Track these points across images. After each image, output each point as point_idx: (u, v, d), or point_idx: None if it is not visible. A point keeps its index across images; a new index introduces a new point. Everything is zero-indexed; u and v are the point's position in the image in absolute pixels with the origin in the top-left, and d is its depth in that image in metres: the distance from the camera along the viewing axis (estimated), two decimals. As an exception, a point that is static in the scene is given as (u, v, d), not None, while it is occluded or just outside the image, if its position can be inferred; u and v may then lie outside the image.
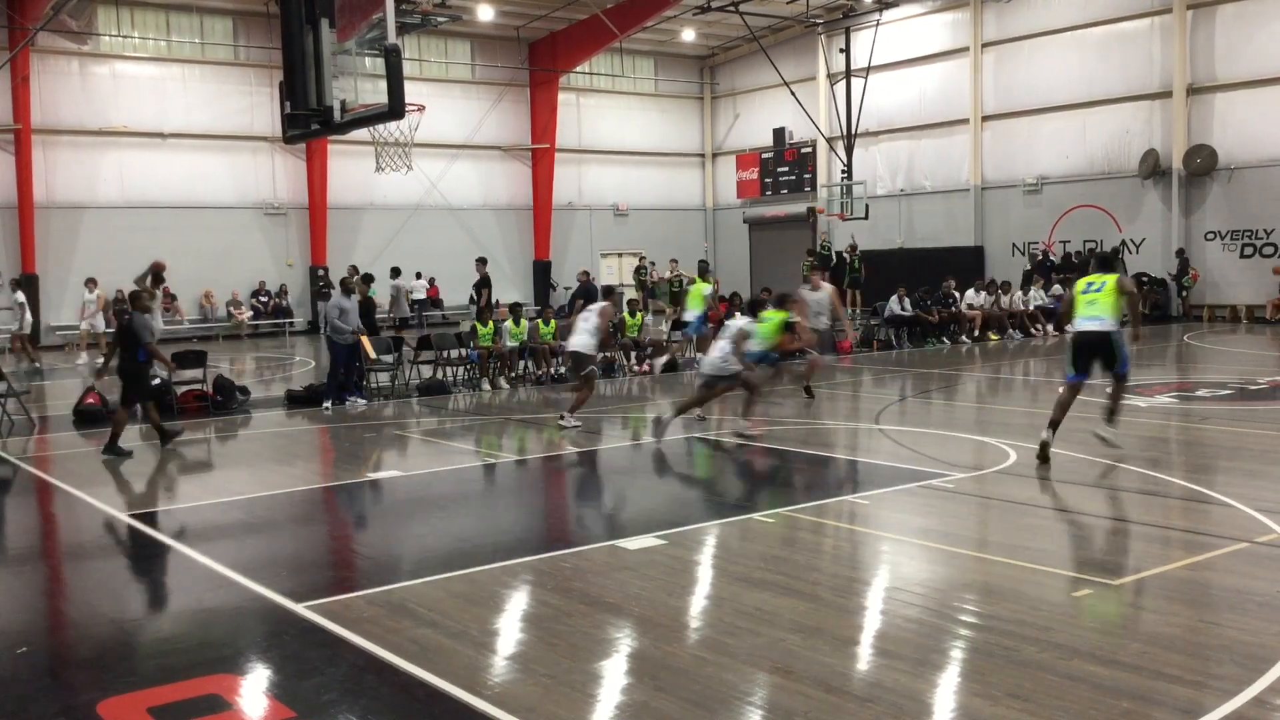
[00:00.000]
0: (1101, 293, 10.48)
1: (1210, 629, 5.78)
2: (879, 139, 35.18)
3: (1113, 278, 10.63)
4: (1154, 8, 28.53)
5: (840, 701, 4.89)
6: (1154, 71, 28.74)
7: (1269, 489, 8.98)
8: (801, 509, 8.67)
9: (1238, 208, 27.54)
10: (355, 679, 5.34)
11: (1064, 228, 30.87)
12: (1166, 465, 10.30)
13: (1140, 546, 7.52)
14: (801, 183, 38.40)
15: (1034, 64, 31.30)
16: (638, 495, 9.91)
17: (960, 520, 8.48)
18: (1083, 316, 10.55)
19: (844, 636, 5.80)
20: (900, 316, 23.23)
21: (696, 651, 5.64)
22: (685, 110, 41.55)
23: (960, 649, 5.59)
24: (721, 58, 40.78)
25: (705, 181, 42.24)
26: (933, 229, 34.02)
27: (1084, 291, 10.68)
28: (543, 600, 6.57)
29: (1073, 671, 5.13)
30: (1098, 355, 10.48)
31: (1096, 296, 10.50)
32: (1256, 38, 26.79)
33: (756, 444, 11.89)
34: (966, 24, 32.82)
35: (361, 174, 28.97)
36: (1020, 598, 6.29)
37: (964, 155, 33.35)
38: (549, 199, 37.06)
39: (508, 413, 15.33)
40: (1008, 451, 10.70)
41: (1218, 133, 27.70)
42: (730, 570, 7.20)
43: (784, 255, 38.20)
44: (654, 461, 11.55)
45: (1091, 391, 11.64)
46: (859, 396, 16.41)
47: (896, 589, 6.71)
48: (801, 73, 36.34)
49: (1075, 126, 30.53)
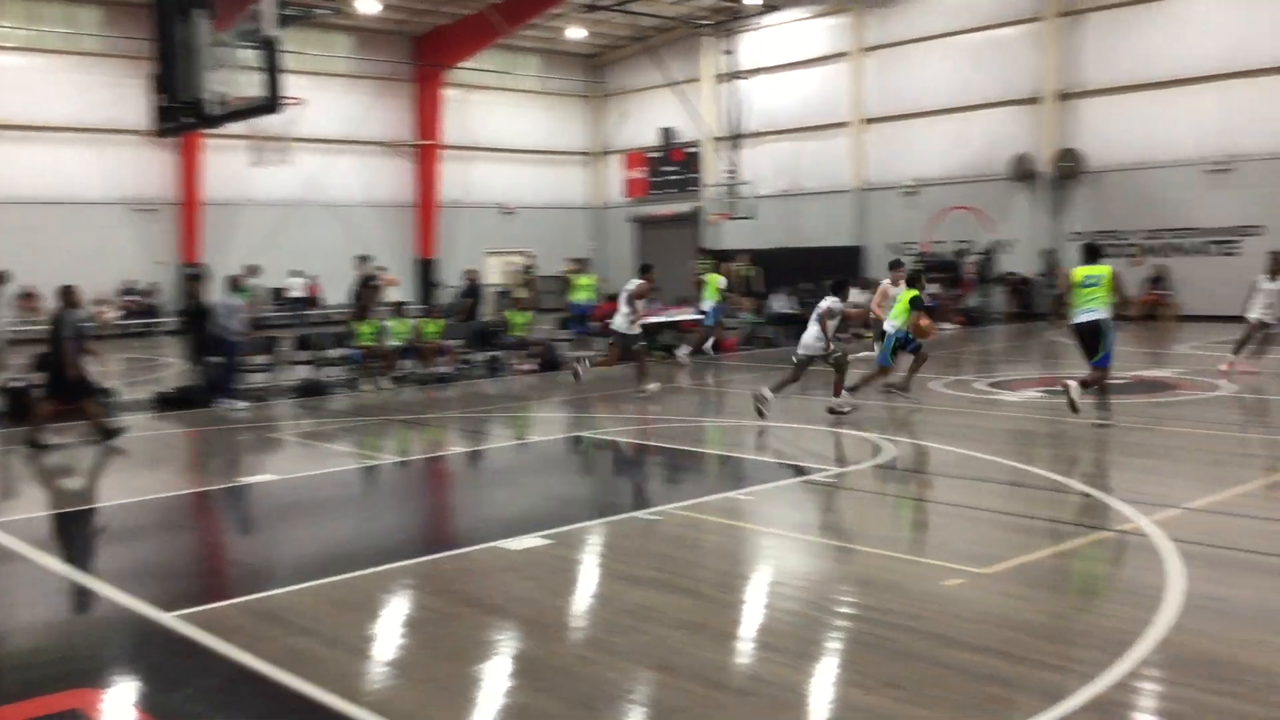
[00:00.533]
0: (1099, 286, 11.41)
1: (1073, 615, 6.00)
2: (764, 140, 35.65)
3: (1108, 270, 11.54)
4: (1026, 15, 29.53)
5: (721, 696, 4.94)
6: (1026, 77, 29.74)
7: (1130, 480, 9.36)
8: (685, 506, 8.72)
9: (1102, 210, 28.68)
10: (226, 690, 5.19)
11: (939, 228, 31.72)
12: (1033, 457, 10.65)
13: (1009, 536, 7.76)
14: (688, 182, 38.70)
15: (913, 68, 32.10)
16: (522, 495, 9.84)
17: (838, 514, 8.65)
18: (1082, 308, 11.48)
19: (726, 631, 5.85)
20: (784, 315, 23.57)
21: (580, 651, 5.62)
22: (572, 109, 41.49)
23: (838, 640, 5.70)
24: (609, 57, 40.83)
25: (592, 180, 42.25)
26: (815, 229, 34.60)
27: (1083, 284, 11.54)
28: (423, 604, 6.48)
29: (944, 659, 5.26)
30: (1091, 340, 11.48)
31: (1095, 291, 11.42)
32: (1122, 46, 27.93)
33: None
34: (848, 29, 33.48)
35: (238, 169, 28.20)
36: (895, 588, 6.43)
37: (845, 157, 34.02)
38: (433, 197, 36.62)
39: (390, 413, 15.09)
40: (885, 446, 10.94)
41: (1085, 137, 28.82)
42: (614, 569, 7.21)
43: (671, 254, 38.39)
44: (539, 461, 11.51)
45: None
46: (743, 394, 16.58)
47: (777, 583, 6.80)
48: (688, 73, 36.62)
49: (952, 130, 31.40)
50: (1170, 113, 27.21)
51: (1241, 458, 10.72)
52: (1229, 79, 26.13)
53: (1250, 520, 8.06)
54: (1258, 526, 7.90)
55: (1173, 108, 27.15)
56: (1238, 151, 26.17)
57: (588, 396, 16.50)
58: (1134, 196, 27.93)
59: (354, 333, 17.82)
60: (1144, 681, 4.97)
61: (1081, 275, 11.72)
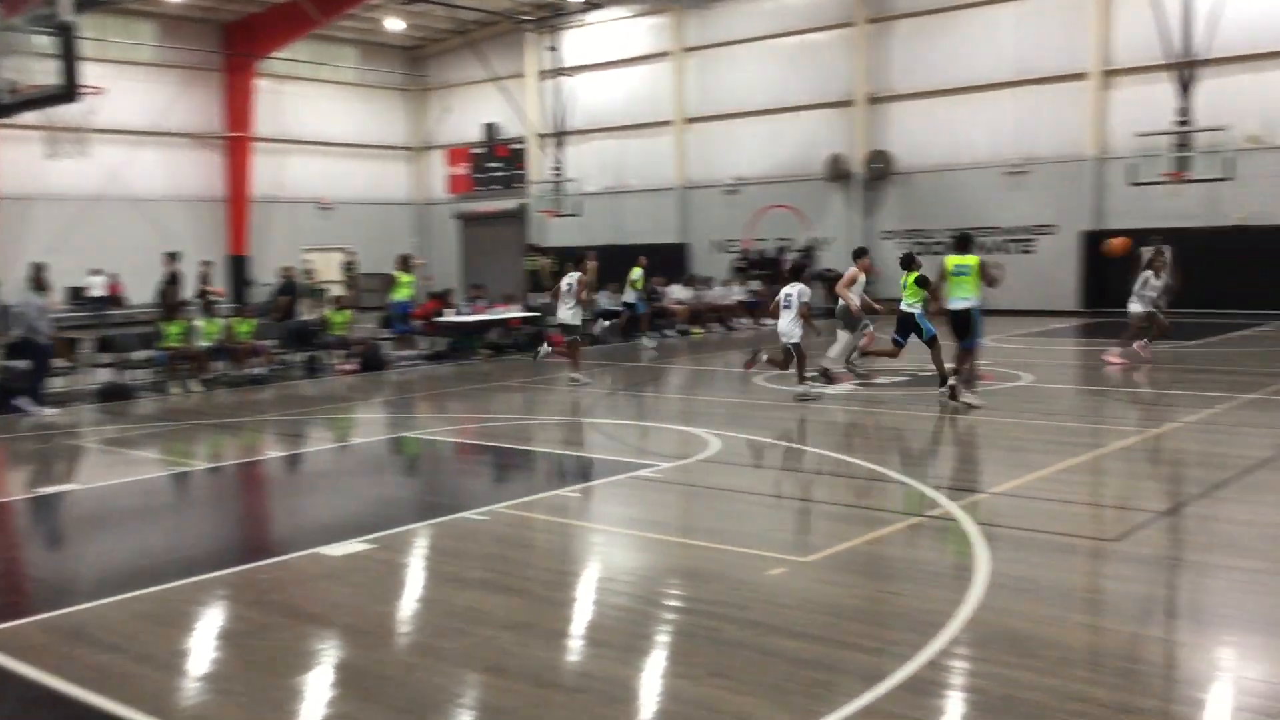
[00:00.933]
0: (968, 275, 12.37)
1: (889, 598, 6.24)
2: (589, 138, 35.78)
3: (976, 259, 12.50)
4: (838, 21, 30.56)
5: (551, 695, 4.92)
6: (839, 81, 30.79)
7: (939, 467, 9.80)
8: (514, 505, 8.65)
9: (911, 209, 29.98)
10: (25, 714, 4.86)
11: (759, 226, 32.53)
12: (850, 448, 11.03)
13: (828, 525, 8.01)
14: (513, 179, 38.50)
15: (733, 70, 32.79)
16: (342, 499, 9.57)
17: (667, 508, 8.75)
18: (954, 296, 12.48)
19: (555, 630, 5.83)
20: (609, 311, 23.70)
21: (405, 657, 5.50)
22: (393, 102, 40.67)
23: (666, 633, 5.75)
24: (430, 50, 40.20)
25: (415, 176, 41.53)
26: (641, 226, 34.96)
27: (954, 273, 12.46)
28: (239, 615, 6.22)
29: (769, 647, 5.38)
30: (962, 327, 12.50)
31: (964, 279, 12.37)
32: (927, 53, 29.25)
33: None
34: (669, 29, 33.94)
35: (31, 161, 26.51)
36: (721, 579, 6.54)
37: (669, 155, 34.48)
38: (245, 191, 35.27)
39: (201, 417, 14.44)
40: (711, 440, 11.13)
41: (894, 140, 30.06)
42: (441, 571, 7.09)
43: (497, 251, 38.20)
44: (360, 463, 11.23)
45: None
46: (571, 391, 16.61)
47: (606, 579, 6.83)
48: (512, 69, 36.43)
49: (770, 131, 32.23)
50: (971, 117, 28.68)
51: (1040, 444, 11.36)
52: (1023, 86, 27.74)
53: (1048, 503, 8.55)
54: (1055, 509, 8.39)
55: (973, 113, 28.63)
56: (1033, 155, 27.80)
57: (412, 396, 16.21)
58: (940, 196, 29.31)
59: (161, 333, 16.98)
60: (954, 660, 5.20)
61: (953, 264, 12.55)
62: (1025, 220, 27.93)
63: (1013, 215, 28.13)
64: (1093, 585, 6.59)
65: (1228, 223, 24.37)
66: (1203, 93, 23.69)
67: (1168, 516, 7.92)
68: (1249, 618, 5.76)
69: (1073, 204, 27.10)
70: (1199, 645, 5.44)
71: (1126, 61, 26.19)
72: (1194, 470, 9.76)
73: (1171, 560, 6.94)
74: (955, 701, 4.81)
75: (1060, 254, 27.49)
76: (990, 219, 28.44)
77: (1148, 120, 24.44)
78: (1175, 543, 7.35)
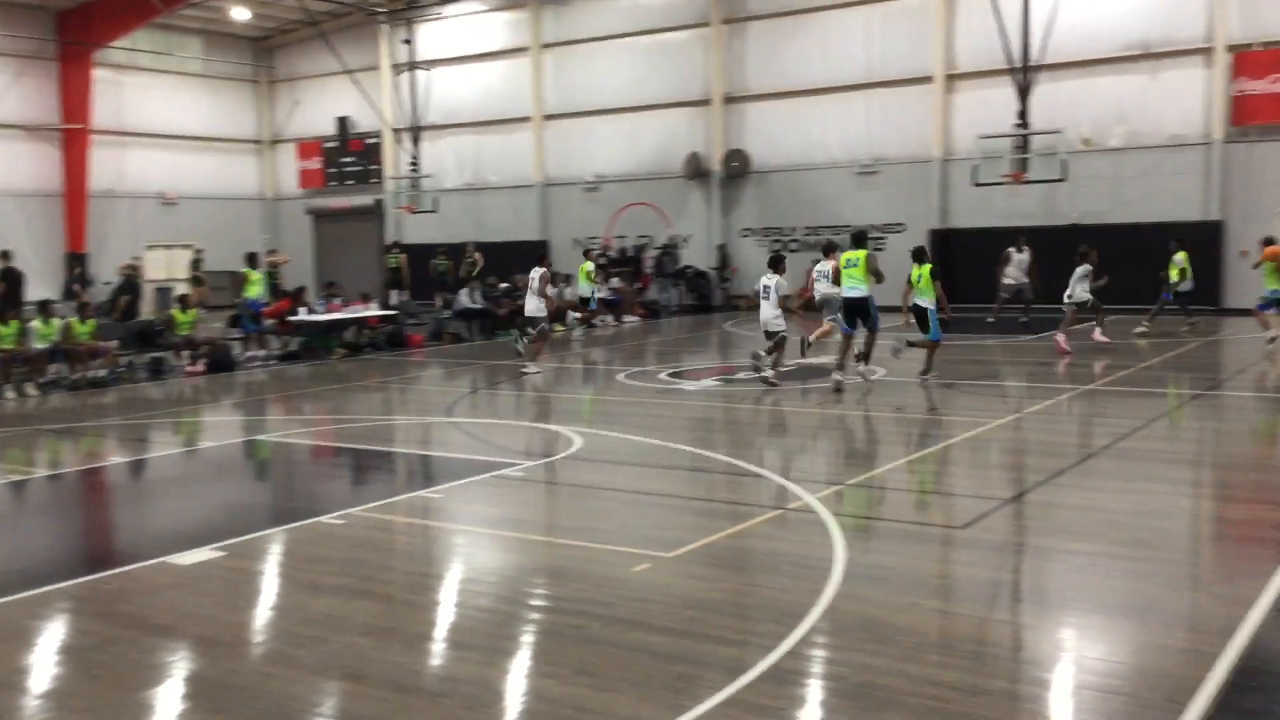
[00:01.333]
0: (857, 267, 13.81)
1: (751, 591, 6.34)
2: (446, 133, 35.31)
3: (864, 253, 13.87)
4: (694, 20, 30.89)
5: (413, 700, 4.83)
6: (696, 80, 31.14)
7: (797, 460, 10.01)
8: (373, 508, 8.48)
9: (768, 207, 30.55)
10: None
11: (620, 224, 32.68)
12: (711, 443, 11.17)
13: (692, 520, 8.09)
14: (368, 174, 37.70)
15: (591, 67, 32.81)
16: (192, 506, 9.22)
17: (530, 507, 8.71)
18: (846, 286, 13.97)
19: (417, 634, 5.74)
20: (471, 309, 23.48)
21: (260, 667, 5.34)
22: (241, 94, 39.35)
23: (531, 633, 5.72)
24: (279, 41, 39.04)
25: (264, 170, 40.30)
26: (501, 223, 34.71)
27: (845, 266, 13.96)
28: (82, 629, 5.94)
29: (633, 643, 5.41)
30: (857, 314, 13.91)
31: (853, 271, 13.84)
32: (780, 55, 29.83)
33: (340, 454, 11.47)
34: (526, 24, 33.74)
35: None
36: (586, 577, 6.55)
37: (528, 152, 34.30)
38: (84, 185, 33.64)
39: (37, 422, 13.71)
40: (574, 438, 11.12)
41: (750, 139, 30.56)
42: (297, 578, 6.90)
43: (350, 248, 37.39)
44: (210, 468, 10.85)
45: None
46: (431, 390, 16.39)
47: (470, 580, 6.75)
48: (365, 61, 35.65)
49: (628, 129, 32.38)
50: (824, 118, 29.39)
51: (893, 435, 11.73)
52: (872, 88, 28.56)
53: (901, 493, 8.84)
54: (907, 498, 8.67)
55: (826, 114, 29.33)
56: (882, 155, 28.65)
57: (264, 398, 15.75)
58: (795, 195, 29.95)
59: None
60: (813, 649, 5.32)
61: (845, 259, 14.05)
62: (876, 219, 28.73)
63: (864, 214, 28.90)
64: (943, 572, 6.82)
65: (1064, 222, 25.58)
66: (1039, 97, 24.79)
67: (1012, 503, 8.26)
68: (1088, 599, 6.05)
69: (920, 203, 28.03)
70: (1042, 627, 5.69)
71: (969, 66, 27.22)
72: (1036, 459, 10.21)
73: (1016, 546, 7.24)
74: (815, 690, 4.92)
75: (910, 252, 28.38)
76: (843, 217, 29.18)
77: (989, 123, 25.47)
78: (1019, 529, 7.67)
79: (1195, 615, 5.86)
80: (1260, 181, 24.19)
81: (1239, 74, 24.13)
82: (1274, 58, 23.75)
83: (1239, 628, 5.37)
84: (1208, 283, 24.06)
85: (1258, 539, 7.23)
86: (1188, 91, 24.83)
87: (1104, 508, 8.02)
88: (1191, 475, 9.59)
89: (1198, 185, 24.84)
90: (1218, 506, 8.52)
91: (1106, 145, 25.78)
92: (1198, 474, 9.68)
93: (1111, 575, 6.43)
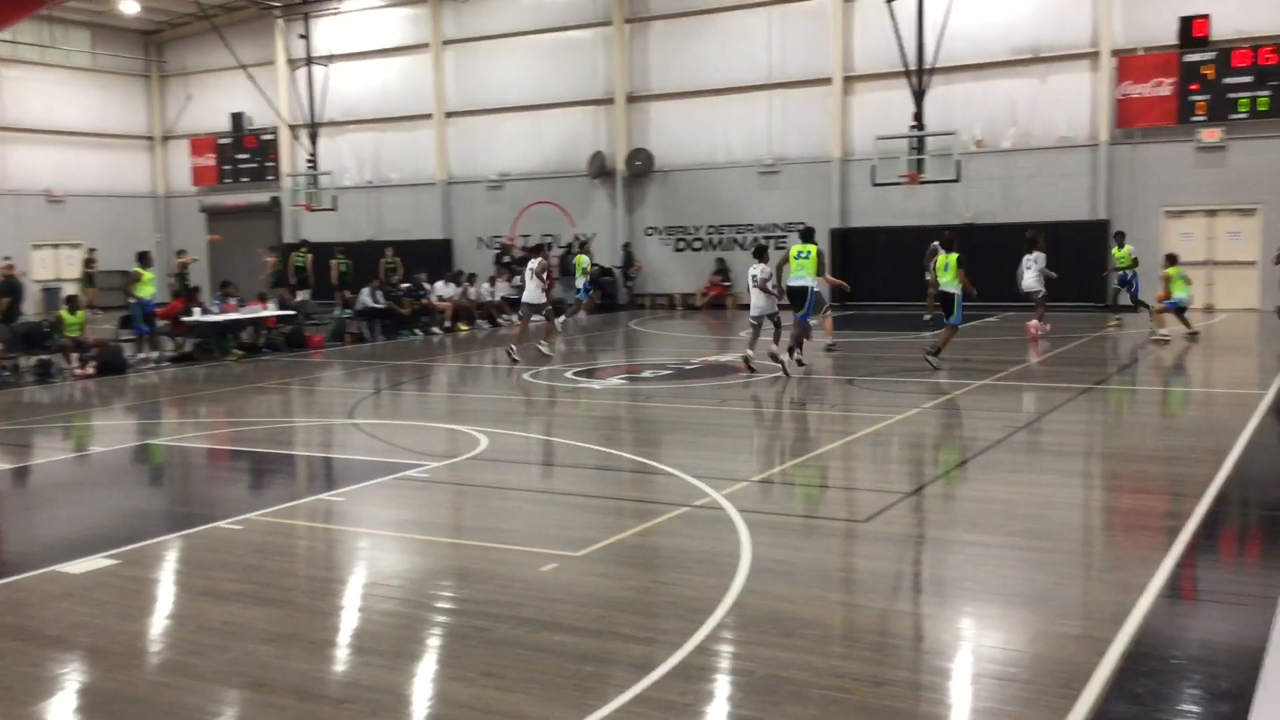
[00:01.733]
0: (807, 260, 15.30)
1: (659, 588, 6.36)
2: (345, 129, 34.74)
3: (814, 248, 15.46)
4: (597, 19, 30.89)
5: (316, 707, 4.74)
6: (599, 79, 31.14)
7: (704, 458, 10.07)
8: (273, 512, 8.30)
9: (672, 206, 30.71)
10: None
11: (524, 223, 32.52)
12: (619, 441, 11.19)
13: (599, 518, 8.09)
14: (264, 171, 36.88)
15: (493, 64, 32.57)
16: (83, 513, 8.91)
17: (436, 509, 8.61)
18: (793, 275, 15.38)
19: (320, 639, 5.63)
20: (373, 309, 23.13)
21: (157, 677, 5.18)
22: (131, 88, 38.18)
23: (437, 636, 5.66)
24: (170, 34, 37.96)
25: (156, 167, 39.16)
26: (403, 222, 34.27)
27: (796, 257, 15.41)
28: (-36, 643, 5.69)
29: (541, 643, 5.38)
30: (797, 301, 15.29)
31: (803, 263, 15.31)
32: (682, 55, 30.00)
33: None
34: (426, 20, 33.35)
35: None
36: (493, 578, 6.50)
37: (429, 150, 33.92)
38: (-37, 181, 32.32)
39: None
40: (479, 438, 11.03)
41: (654, 138, 30.67)
42: (194, 585, 6.71)
43: (247, 246, 36.50)
44: (103, 474, 10.50)
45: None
46: (333, 391, 16.10)
47: (373, 584, 6.65)
48: (259, 56, 34.84)
49: (532, 127, 32.24)
50: (727, 118, 29.65)
51: (797, 432, 11.89)
52: (773, 89, 28.90)
53: (805, 488, 8.96)
54: (811, 493, 8.80)
55: (728, 114, 29.60)
56: (784, 155, 29.01)
57: (158, 401, 15.30)
58: (699, 194, 30.16)
59: None
60: (720, 644, 5.36)
61: (795, 251, 15.51)
62: (778, 218, 29.12)
63: (766, 213, 29.29)
64: (847, 565, 6.94)
65: (959, 221, 26.21)
66: (934, 100, 25.40)
67: (913, 497, 8.44)
68: (985, 589, 6.20)
69: (821, 202, 28.45)
70: (942, 617, 5.82)
71: (866, 69, 27.72)
72: (935, 452, 10.44)
73: (917, 538, 7.40)
74: (722, 685, 4.95)
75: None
76: (746, 217, 29.52)
77: (886, 124, 26.01)
78: (920, 521, 7.83)
79: (1088, 603, 6.06)
80: (1143, 182, 25.12)
81: (1123, 78, 25.02)
82: (1156, 62, 24.69)
83: (1130, 614, 5.56)
84: (1095, 281, 24.92)
85: (1146, 528, 7.51)
86: (1075, 95, 25.66)
87: (1000, 500, 8.25)
88: (1083, 467, 9.91)
89: (1085, 185, 25.69)
90: (1108, 497, 8.82)
91: (998, 147, 26.50)
92: (1089, 466, 10.00)
93: (1008, 565, 6.61)
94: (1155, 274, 19.71)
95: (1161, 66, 24.61)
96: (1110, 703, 4.57)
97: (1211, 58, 24.06)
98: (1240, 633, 5.38)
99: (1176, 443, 10.45)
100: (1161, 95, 24.66)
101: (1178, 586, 6.18)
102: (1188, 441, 10.51)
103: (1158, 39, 24.65)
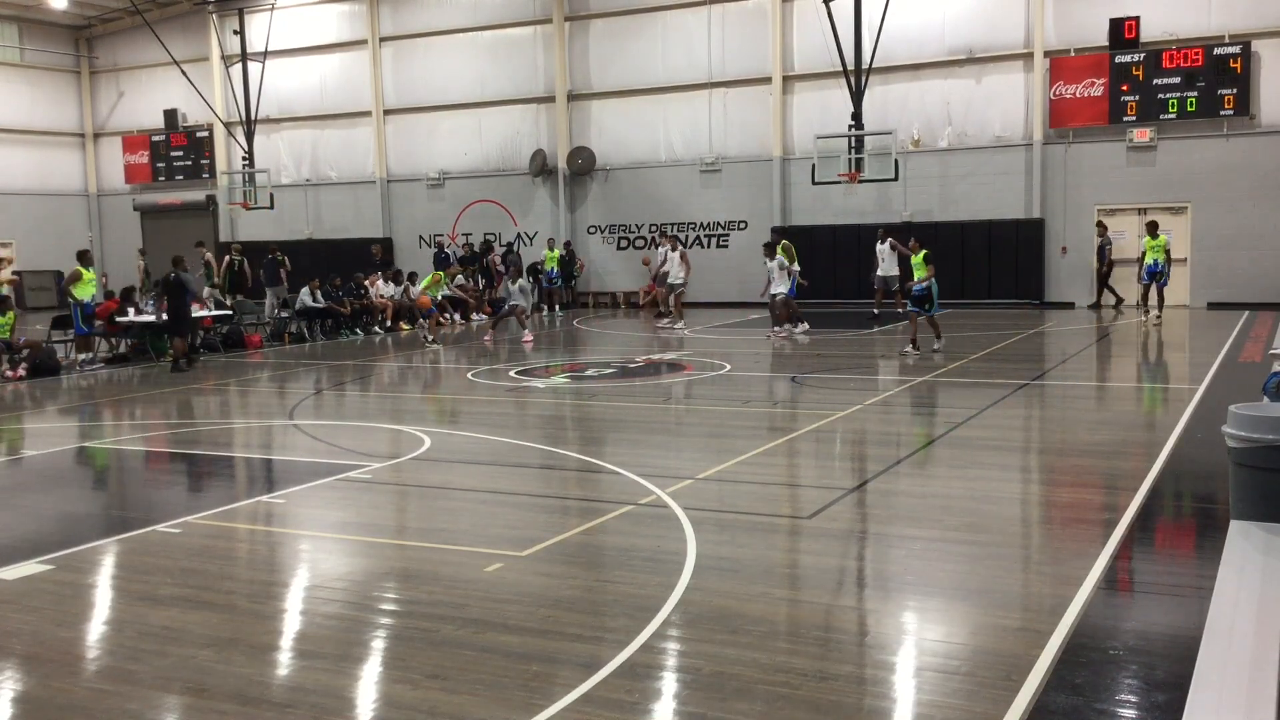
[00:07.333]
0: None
1: (604, 587, 6.36)
2: (281, 126, 34.29)
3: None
4: (536, 17, 30.79)
5: (258, 712, 4.68)
6: (539, 77, 31.04)
7: (648, 455, 10.09)
8: (212, 515, 8.18)
9: (614, 205, 30.71)
10: None
11: (466, 221, 32.33)
12: (563, 440, 11.17)
13: (544, 518, 8.07)
14: (199, 168, 36.28)
15: (432, 62, 32.33)
16: (15, 517, 8.69)
17: (379, 510, 8.53)
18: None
19: (261, 644, 5.56)
20: (313, 309, 22.85)
21: (94, 684, 5.08)
22: (61, 84, 37.35)
23: (381, 638, 5.61)
24: (101, 30, 37.19)
25: (86, 164, 38.34)
26: (341, 220, 33.91)
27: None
28: (-109, 654, 5.53)
29: (487, 644, 5.36)
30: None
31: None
32: (623, 53, 30.00)
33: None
34: (364, 16, 33.02)
35: None
36: (438, 579, 6.46)
37: (368, 147, 33.59)
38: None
39: None
40: (422, 438, 10.96)
41: (595, 136, 30.64)
42: (131, 590, 6.59)
43: (183, 244, 35.82)
44: (35, 478, 10.26)
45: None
46: (272, 392, 15.89)
47: (316, 586, 6.57)
48: (193, 52, 34.30)
49: (472, 125, 32.05)
50: (667, 116, 29.73)
51: (741, 429, 11.94)
52: (714, 88, 29.02)
53: (749, 485, 9.01)
54: (755, 490, 8.85)
55: (670, 112, 29.68)
56: (725, 154, 29.15)
57: (93, 402, 15.00)
58: (641, 192, 30.20)
59: None
60: (667, 641, 5.38)
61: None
62: (719, 216, 29.25)
63: (708, 211, 29.41)
64: (791, 561, 6.99)
65: (898, 219, 26.52)
66: (872, 100, 25.68)
67: (855, 493, 8.52)
68: (927, 583, 6.28)
69: (762, 201, 28.63)
70: (885, 611, 5.89)
71: (805, 68, 27.93)
72: (877, 449, 10.56)
73: (859, 533, 7.47)
74: (669, 682, 4.97)
75: (753, 249, 28.86)
76: (688, 215, 29.61)
77: (826, 124, 26.25)
78: (862, 517, 7.91)
79: (1028, 596, 6.17)
80: (1076, 182, 25.60)
81: (1056, 79, 25.47)
82: (1087, 64, 25.16)
83: (1068, 607, 5.67)
84: (1029, 278, 25.34)
85: (1084, 521, 7.65)
86: (1010, 95, 26.08)
87: (940, 494, 8.36)
88: (1021, 461, 10.08)
89: (1020, 185, 26.12)
90: (1046, 491, 8.98)
91: (935, 146, 26.85)
92: (1027, 460, 10.18)
93: (948, 559, 6.70)
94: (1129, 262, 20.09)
95: (1093, 67, 25.09)
96: (1050, 693, 4.66)
97: (1141, 59, 24.59)
98: (1175, 623, 5.51)
99: (1112, 437, 10.67)
100: (1093, 96, 25.15)
101: (1114, 579, 6.31)
102: (1122, 436, 10.73)
103: (1089, 40, 25.14)
